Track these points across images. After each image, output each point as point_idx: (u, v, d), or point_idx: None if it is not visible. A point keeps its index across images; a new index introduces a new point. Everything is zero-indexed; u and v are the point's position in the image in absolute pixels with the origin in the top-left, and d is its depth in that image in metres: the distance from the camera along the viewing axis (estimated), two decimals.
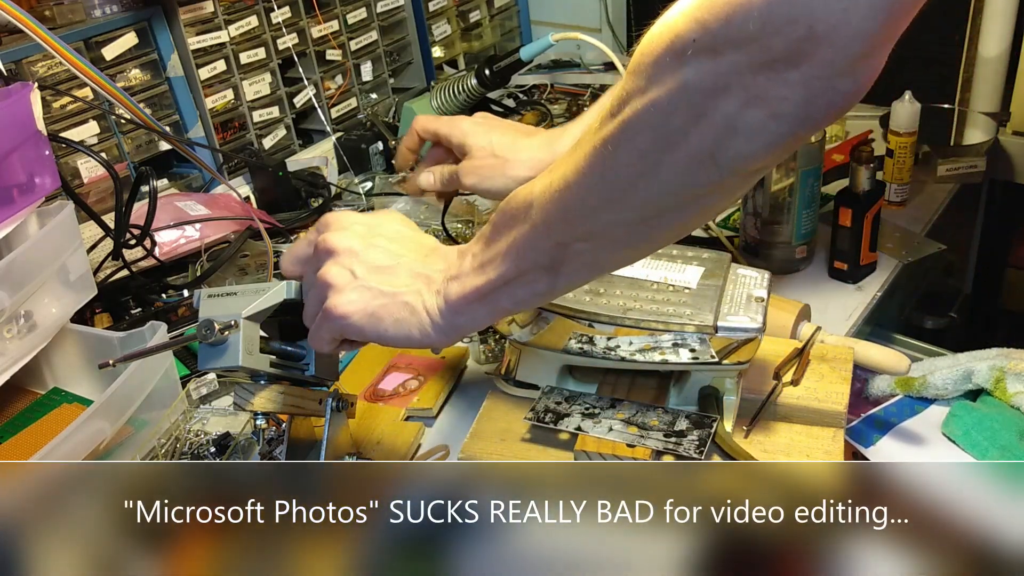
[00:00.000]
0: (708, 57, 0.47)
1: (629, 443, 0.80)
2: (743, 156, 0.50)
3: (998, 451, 0.88)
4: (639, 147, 0.52)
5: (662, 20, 0.49)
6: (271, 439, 0.95)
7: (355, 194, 1.43)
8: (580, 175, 0.56)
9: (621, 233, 0.58)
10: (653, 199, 0.54)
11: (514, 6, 1.93)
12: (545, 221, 0.59)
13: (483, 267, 0.64)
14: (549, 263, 0.61)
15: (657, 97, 0.49)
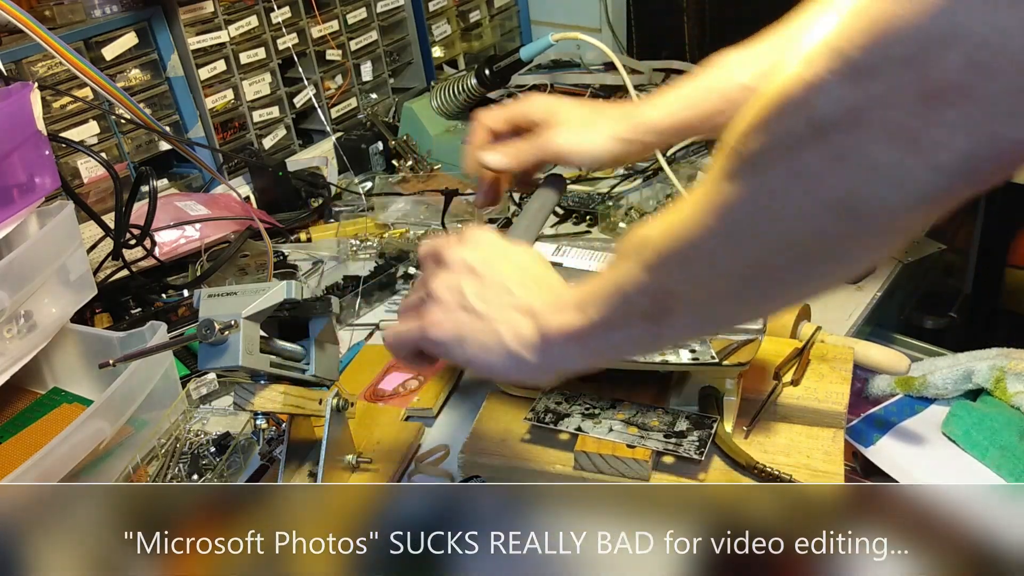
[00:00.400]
0: (846, 87, 0.40)
1: (629, 444, 0.80)
2: (887, 206, 0.42)
3: (998, 451, 0.88)
4: (766, 186, 0.46)
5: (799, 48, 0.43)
6: (271, 439, 0.95)
7: (355, 194, 1.43)
8: (697, 213, 0.50)
9: (735, 285, 0.52)
10: (777, 248, 0.48)
11: (514, 6, 1.93)
12: (655, 262, 0.54)
13: (584, 305, 0.59)
14: (653, 311, 0.55)
15: (788, 132, 0.43)
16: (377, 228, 1.33)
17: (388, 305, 1.19)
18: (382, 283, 1.19)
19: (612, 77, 1.74)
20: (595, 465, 0.80)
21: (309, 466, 0.86)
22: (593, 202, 1.35)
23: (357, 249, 1.27)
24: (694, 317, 0.55)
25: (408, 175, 1.46)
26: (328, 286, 1.20)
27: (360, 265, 1.26)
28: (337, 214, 1.40)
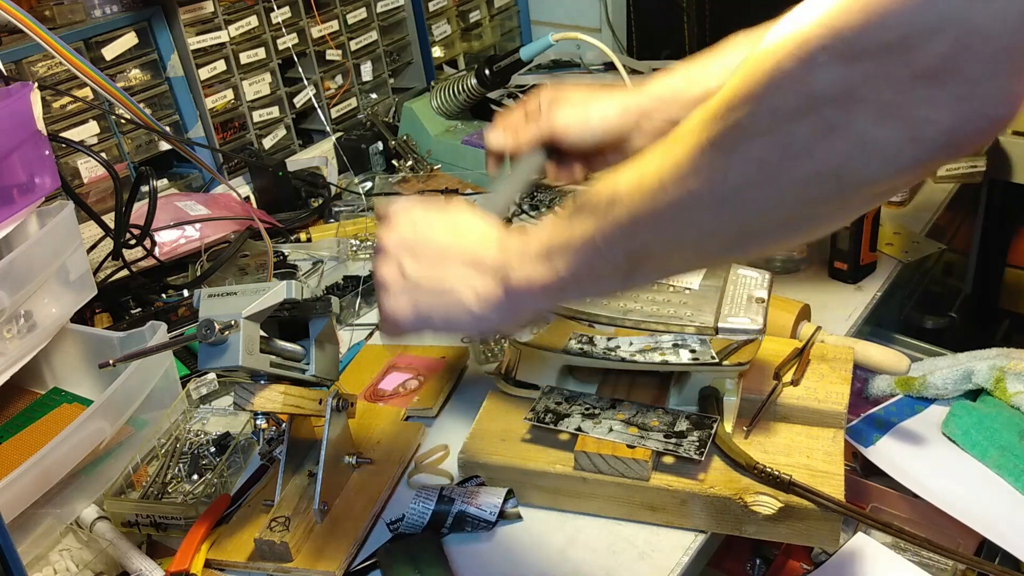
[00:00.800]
0: (841, 66, 0.42)
1: (629, 444, 0.80)
2: (872, 178, 0.45)
3: (998, 451, 0.88)
4: (755, 155, 0.47)
5: (786, 24, 0.45)
6: (271, 439, 0.95)
7: (355, 194, 1.43)
8: (679, 176, 0.51)
9: (715, 245, 0.54)
10: (761, 212, 0.50)
11: (514, 6, 1.93)
12: (632, 221, 0.54)
13: (551, 257, 0.60)
14: (627, 265, 0.57)
15: (779, 104, 0.45)
16: (377, 228, 1.33)
17: None
18: None
19: (612, 77, 1.74)
20: (595, 465, 0.80)
21: (309, 466, 0.86)
22: None
23: (357, 249, 1.27)
24: (665, 269, 0.58)
25: (408, 175, 1.46)
26: (328, 286, 1.20)
27: (360, 265, 1.25)
28: (337, 214, 1.40)
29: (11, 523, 0.75)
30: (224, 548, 0.82)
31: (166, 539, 0.85)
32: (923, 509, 0.89)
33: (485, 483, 0.85)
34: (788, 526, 0.77)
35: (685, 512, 0.79)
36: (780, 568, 0.97)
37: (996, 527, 0.83)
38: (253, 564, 0.80)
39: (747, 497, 0.76)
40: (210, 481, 0.89)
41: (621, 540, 0.80)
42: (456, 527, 0.82)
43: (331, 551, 0.79)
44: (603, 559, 0.78)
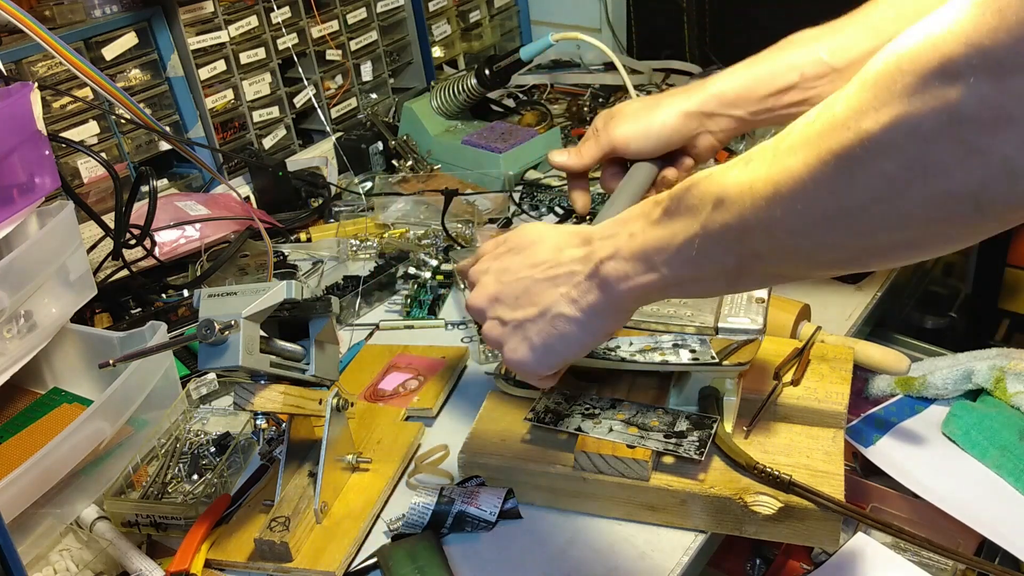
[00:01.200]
0: (989, 85, 0.40)
1: (629, 444, 0.80)
2: (1011, 202, 0.42)
3: (998, 451, 0.88)
4: (885, 170, 0.45)
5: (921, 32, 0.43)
6: (271, 439, 0.95)
7: (355, 194, 1.43)
8: (798, 185, 0.49)
9: (833, 257, 0.52)
10: (886, 229, 0.47)
11: (514, 6, 1.93)
12: (743, 226, 0.53)
13: (649, 258, 0.59)
14: (735, 270, 0.55)
15: (917, 121, 0.42)
16: (377, 228, 1.33)
17: (388, 305, 1.19)
18: (382, 283, 1.19)
19: (612, 77, 1.74)
20: (595, 465, 0.80)
21: (309, 466, 0.86)
22: (593, 202, 1.35)
23: (357, 249, 1.27)
24: (773, 275, 0.56)
25: (408, 175, 1.46)
26: (328, 286, 1.20)
27: (360, 265, 1.26)
28: (337, 214, 1.40)
29: (11, 523, 0.75)
30: (224, 548, 0.82)
31: (166, 539, 0.85)
32: (923, 509, 0.89)
33: (485, 483, 0.85)
34: (788, 526, 0.77)
35: (685, 512, 0.79)
36: (780, 568, 0.97)
37: (996, 527, 0.83)
38: (253, 564, 0.80)
39: (747, 497, 0.76)
40: (210, 481, 0.89)
41: (621, 540, 0.80)
42: (456, 527, 0.82)
43: (331, 551, 0.79)
44: (603, 559, 0.78)
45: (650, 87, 1.69)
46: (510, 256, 0.70)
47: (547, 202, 1.38)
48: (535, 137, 1.44)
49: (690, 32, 1.82)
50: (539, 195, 1.40)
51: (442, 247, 1.26)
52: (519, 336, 0.68)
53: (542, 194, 1.40)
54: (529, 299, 0.67)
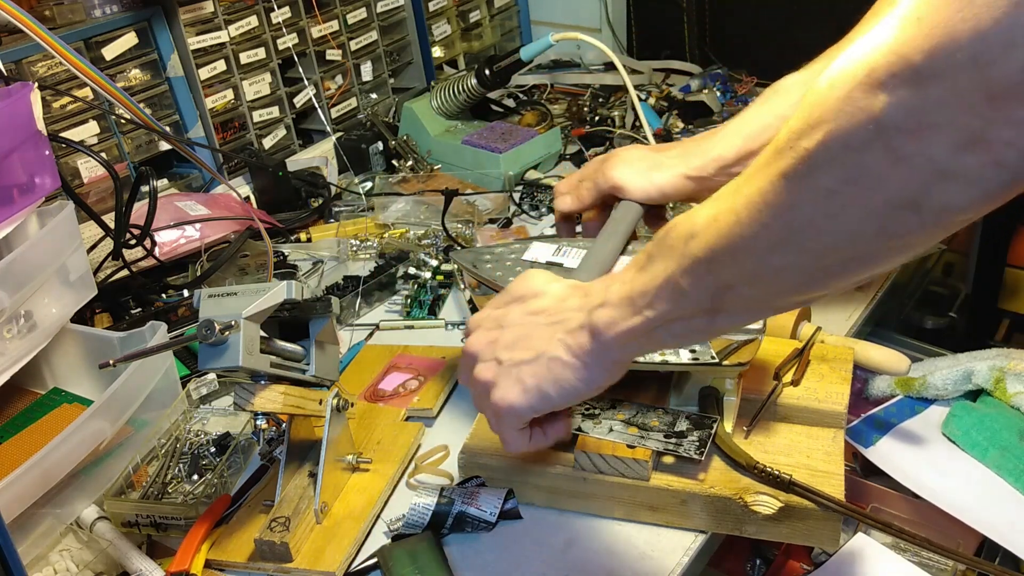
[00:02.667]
0: (909, 92, 0.41)
1: (629, 444, 0.80)
2: (955, 206, 0.43)
3: (998, 451, 0.88)
4: (824, 186, 0.46)
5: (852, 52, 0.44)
6: (271, 439, 0.95)
7: (355, 194, 1.43)
8: (752, 210, 0.51)
9: (794, 279, 0.53)
10: (837, 245, 0.48)
11: (514, 6, 1.93)
12: (709, 258, 0.55)
13: (634, 302, 0.61)
14: (710, 304, 0.57)
15: (846, 133, 0.44)
16: (377, 228, 1.33)
17: (388, 305, 1.19)
18: (382, 283, 1.19)
19: (612, 77, 1.74)
20: (595, 465, 0.80)
21: (309, 466, 0.86)
22: None
23: (357, 249, 1.27)
24: (751, 307, 0.57)
25: (408, 175, 1.46)
26: (328, 286, 1.20)
27: (360, 265, 1.26)
28: (337, 214, 1.40)
29: (11, 523, 0.75)
30: (224, 548, 0.82)
31: (166, 539, 0.85)
32: (923, 509, 0.89)
33: (485, 483, 0.85)
34: (788, 526, 0.77)
35: (685, 512, 0.79)
36: (780, 568, 0.97)
37: (996, 526, 0.83)
38: (253, 564, 0.80)
39: (747, 497, 0.76)
40: (210, 481, 0.89)
41: (621, 540, 0.80)
42: (456, 527, 0.82)
43: (331, 551, 0.79)
44: (603, 559, 0.78)
45: (650, 87, 1.69)
46: (513, 305, 0.72)
47: (547, 202, 1.38)
48: (535, 137, 1.44)
49: (690, 32, 1.82)
50: (539, 195, 1.40)
51: (442, 247, 1.26)
52: (512, 377, 0.68)
53: (542, 194, 1.40)
54: (527, 343, 0.68)
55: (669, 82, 1.73)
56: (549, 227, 1.33)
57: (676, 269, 0.57)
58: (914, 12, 0.41)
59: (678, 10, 1.81)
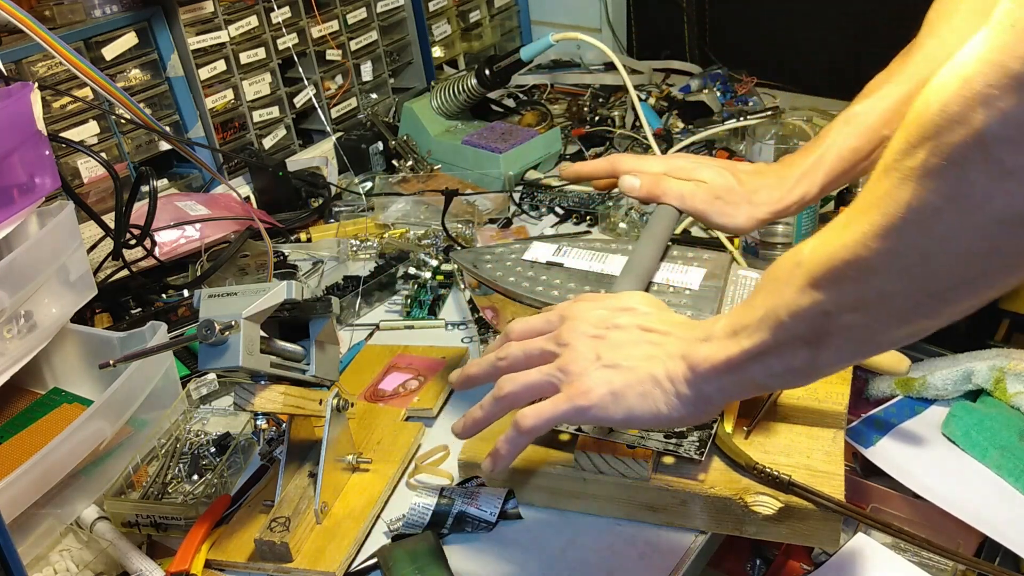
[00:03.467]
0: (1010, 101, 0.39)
1: (629, 444, 0.79)
2: None
3: (998, 451, 0.88)
4: (928, 204, 0.44)
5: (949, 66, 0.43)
6: (271, 439, 0.95)
7: (355, 194, 1.43)
8: (855, 234, 0.49)
9: (900, 305, 0.50)
10: (945, 267, 0.46)
11: (514, 6, 1.93)
12: (811, 283, 0.53)
13: (736, 334, 0.60)
14: (810, 334, 0.55)
15: (948, 149, 0.43)
16: (377, 228, 1.33)
17: (388, 305, 1.19)
18: (382, 283, 1.19)
19: (612, 77, 1.74)
20: (595, 465, 0.80)
21: (309, 466, 0.86)
22: (593, 202, 1.35)
23: (357, 249, 1.27)
24: (853, 340, 0.54)
25: (408, 175, 1.46)
26: (328, 286, 1.20)
27: (360, 265, 1.26)
28: (337, 214, 1.40)
29: (11, 523, 0.75)
30: (224, 548, 0.82)
31: (166, 539, 0.85)
32: (923, 509, 0.89)
33: (485, 483, 0.85)
34: (788, 526, 0.77)
35: (685, 512, 0.79)
36: (780, 568, 0.97)
37: (997, 525, 0.83)
38: (253, 564, 0.80)
39: (747, 497, 0.76)
40: (210, 481, 0.89)
41: (621, 540, 0.80)
42: (456, 527, 0.82)
43: (331, 551, 0.79)
44: (603, 559, 0.78)
45: (650, 87, 1.69)
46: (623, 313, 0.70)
47: (547, 202, 1.38)
48: (535, 137, 1.44)
49: (690, 32, 1.82)
50: (539, 195, 1.40)
51: (442, 247, 1.26)
52: (603, 377, 0.66)
53: (542, 194, 1.40)
54: (633, 351, 0.67)
55: (669, 82, 1.73)
56: (549, 227, 1.33)
57: (778, 299, 0.56)
58: (1007, 19, 0.40)
59: (678, 10, 1.81)
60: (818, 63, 1.66)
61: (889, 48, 0.90)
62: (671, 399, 0.64)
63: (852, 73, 1.62)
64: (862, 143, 0.86)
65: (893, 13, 1.54)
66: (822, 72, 1.65)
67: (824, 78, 1.63)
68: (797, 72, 1.66)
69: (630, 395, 0.65)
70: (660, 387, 0.64)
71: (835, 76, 1.63)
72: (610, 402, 0.66)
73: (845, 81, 1.63)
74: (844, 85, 1.62)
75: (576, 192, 1.39)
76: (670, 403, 0.64)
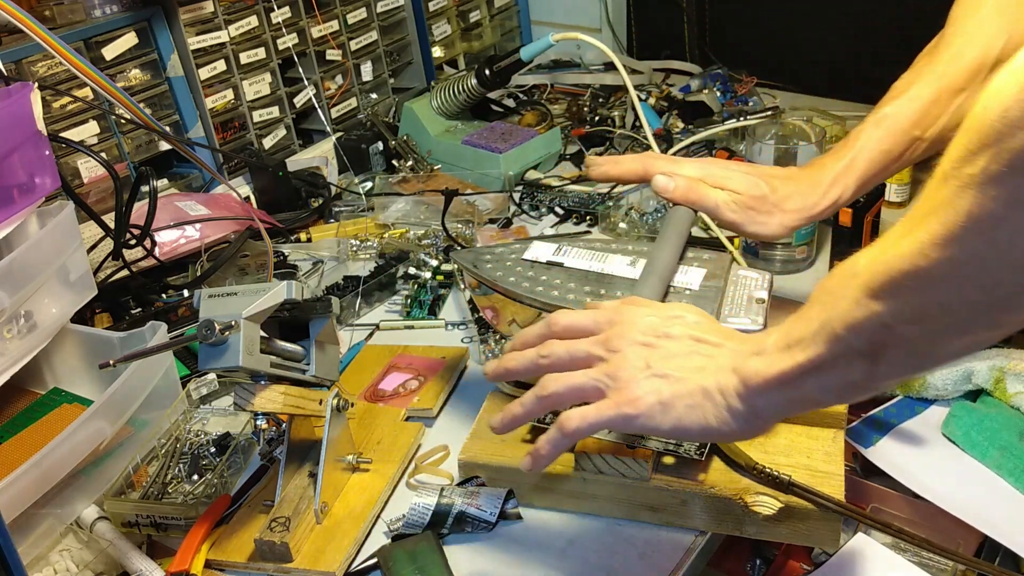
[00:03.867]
0: None
1: (630, 444, 0.79)
2: None
3: (998, 451, 0.88)
4: (989, 212, 0.44)
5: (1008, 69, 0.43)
6: (271, 439, 0.95)
7: (355, 194, 1.43)
8: (914, 242, 0.48)
9: (960, 316, 0.49)
10: (1007, 277, 0.46)
11: (514, 6, 1.93)
12: (869, 295, 0.52)
13: (790, 347, 0.58)
14: (868, 347, 0.53)
15: (1008, 154, 0.42)
16: (377, 228, 1.33)
17: (388, 305, 1.19)
18: (382, 283, 1.19)
19: (612, 77, 1.74)
20: (595, 466, 0.80)
21: (309, 466, 0.86)
22: (593, 202, 1.35)
23: (357, 249, 1.27)
24: (912, 353, 0.53)
25: (408, 175, 1.46)
26: (328, 286, 1.20)
27: (360, 265, 1.26)
28: (337, 214, 1.40)
29: (11, 523, 0.75)
30: (224, 548, 0.82)
31: (166, 539, 0.85)
32: (923, 509, 0.89)
33: (485, 483, 0.85)
34: (788, 526, 0.77)
35: (685, 512, 0.79)
36: (780, 568, 0.97)
37: (997, 525, 0.83)
38: (253, 564, 0.80)
39: (747, 497, 0.76)
40: (210, 481, 0.89)
41: (621, 540, 0.80)
42: (456, 527, 0.82)
43: (331, 551, 0.79)
44: (603, 559, 0.78)
45: (650, 87, 1.69)
46: (674, 321, 0.69)
47: (547, 202, 1.38)
48: (535, 137, 1.44)
49: (690, 32, 1.82)
50: (539, 195, 1.40)
51: (442, 247, 1.26)
52: (652, 386, 0.65)
53: (542, 194, 1.40)
54: (685, 361, 0.65)
55: (669, 82, 1.73)
56: (549, 227, 1.33)
57: (833, 312, 0.54)
58: None
59: (678, 10, 1.81)
60: (818, 63, 1.66)
61: (889, 48, 0.90)
62: (721, 412, 0.63)
63: (852, 73, 1.63)
64: (893, 145, 0.85)
65: (893, 13, 1.54)
66: (822, 72, 1.65)
67: (824, 78, 1.63)
68: (797, 72, 1.66)
69: (679, 406, 0.64)
70: (711, 399, 0.63)
71: (835, 76, 1.63)
72: (658, 412, 0.64)
73: (845, 81, 1.64)
74: (844, 85, 1.63)
75: (576, 192, 1.39)
76: (720, 416, 0.63)
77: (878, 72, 0.90)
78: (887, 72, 0.89)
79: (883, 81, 0.89)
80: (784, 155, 1.11)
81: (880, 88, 0.89)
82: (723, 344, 0.66)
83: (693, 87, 1.62)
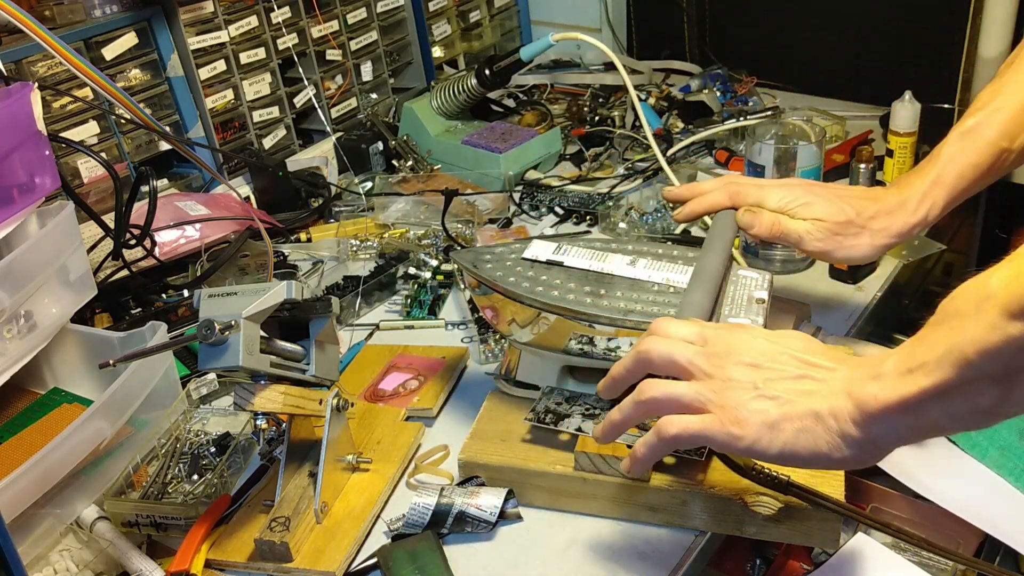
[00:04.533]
0: None
1: (629, 444, 0.79)
2: None
3: (997, 451, 0.88)
4: None
5: None
6: (271, 439, 0.95)
7: (355, 194, 1.43)
8: None
9: None
10: None
11: (514, 6, 1.93)
12: (1007, 316, 0.49)
13: (912, 372, 0.55)
14: (1002, 372, 0.50)
15: None
16: (377, 228, 1.33)
17: (388, 305, 1.19)
18: (382, 283, 1.19)
19: (612, 77, 1.74)
20: (595, 466, 0.80)
21: (309, 466, 0.86)
22: (593, 202, 1.35)
23: (357, 249, 1.27)
24: None
25: (408, 175, 1.46)
26: (328, 286, 1.20)
27: (360, 265, 1.26)
28: (337, 214, 1.40)
29: (11, 523, 0.75)
30: (224, 548, 0.82)
31: (166, 539, 0.85)
32: (923, 509, 0.89)
33: (485, 483, 0.85)
34: (788, 526, 0.77)
35: (685, 512, 0.79)
36: (780, 568, 0.97)
37: (997, 524, 0.83)
38: (253, 564, 0.80)
39: (747, 497, 0.76)
40: (210, 481, 0.89)
41: (621, 540, 0.80)
42: (456, 527, 0.82)
43: (331, 551, 0.79)
44: (603, 559, 0.78)
45: (650, 87, 1.69)
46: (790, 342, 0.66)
47: (547, 202, 1.38)
48: (535, 137, 1.44)
49: (690, 32, 1.82)
50: (539, 195, 1.40)
51: (442, 247, 1.26)
52: (761, 405, 0.62)
53: (542, 194, 1.40)
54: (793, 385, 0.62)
55: (669, 82, 1.73)
56: (549, 227, 1.33)
57: (962, 335, 0.52)
58: None
59: (678, 10, 1.81)
60: (818, 63, 1.66)
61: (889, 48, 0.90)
62: (834, 438, 0.60)
63: (852, 73, 1.64)
64: (980, 157, 0.84)
65: (893, 13, 1.54)
66: (822, 72, 1.65)
67: (824, 78, 1.63)
68: (797, 72, 1.66)
69: (788, 429, 0.61)
70: (822, 424, 0.60)
71: (835, 76, 1.63)
72: (765, 434, 0.62)
73: (845, 81, 1.64)
74: (844, 85, 1.64)
75: (576, 192, 1.39)
76: (832, 442, 0.60)
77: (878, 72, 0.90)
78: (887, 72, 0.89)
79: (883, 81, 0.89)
80: (784, 155, 1.11)
81: (880, 88, 0.89)
82: (836, 368, 0.63)
83: (693, 87, 1.62)
